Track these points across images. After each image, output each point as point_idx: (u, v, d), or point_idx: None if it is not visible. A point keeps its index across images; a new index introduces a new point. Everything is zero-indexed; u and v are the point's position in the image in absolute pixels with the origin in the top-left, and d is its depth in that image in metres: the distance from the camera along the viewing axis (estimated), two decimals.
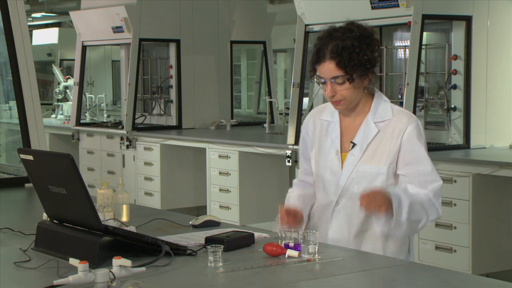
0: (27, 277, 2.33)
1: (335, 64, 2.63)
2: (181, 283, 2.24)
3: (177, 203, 7.71)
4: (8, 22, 4.49)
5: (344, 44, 2.63)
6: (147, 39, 7.90)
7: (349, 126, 2.77)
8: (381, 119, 2.72)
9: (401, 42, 6.34)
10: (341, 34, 2.66)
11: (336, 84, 2.66)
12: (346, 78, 2.64)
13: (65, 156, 2.40)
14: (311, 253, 2.46)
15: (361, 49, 2.64)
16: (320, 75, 2.69)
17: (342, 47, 2.62)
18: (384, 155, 2.69)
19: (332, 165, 2.76)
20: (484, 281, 2.32)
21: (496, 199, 5.28)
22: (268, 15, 8.88)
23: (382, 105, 2.75)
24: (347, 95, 2.68)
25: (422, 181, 2.67)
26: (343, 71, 2.63)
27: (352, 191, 2.72)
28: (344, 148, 2.76)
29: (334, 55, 2.63)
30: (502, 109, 5.82)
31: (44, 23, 13.58)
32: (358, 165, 2.71)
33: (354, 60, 2.62)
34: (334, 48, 2.63)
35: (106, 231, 2.41)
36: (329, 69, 2.65)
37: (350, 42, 2.63)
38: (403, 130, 2.68)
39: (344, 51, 2.62)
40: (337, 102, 2.71)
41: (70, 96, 9.94)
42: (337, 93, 2.68)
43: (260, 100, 9.80)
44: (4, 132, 5.53)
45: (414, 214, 2.61)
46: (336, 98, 2.69)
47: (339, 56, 2.62)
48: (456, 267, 5.09)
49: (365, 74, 2.68)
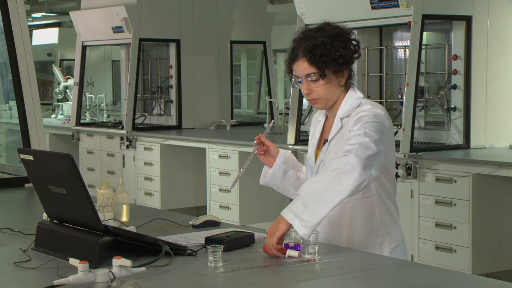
0: (27, 277, 2.33)
1: (307, 61, 2.67)
2: (181, 283, 2.24)
3: (177, 203, 7.71)
4: (8, 22, 4.49)
5: (316, 42, 2.67)
6: (147, 39, 7.90)
7: (330, 125, 2.81)
8: (346, 114, 2.72)
9: (401, 42, 6.34)
10: (314, 33, 2.70)
11: (311, 82, 2.69)
12: (319, 75, 2.67)
13: (65, 156, 2.40)
14: (311, 253, 2.46)
15: (332, 45, 2.66)
16: (295, 74, 2.73)
17: (313, 45, 2.66)
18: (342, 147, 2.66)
19: (310, 162, 2.83)
20: (484, 281, 2.32)
21: (496, 199, 5.28)
22: (268, 15, 8.89)
23: (353, 101, 2.73)
24: (322, 93, 2.70)
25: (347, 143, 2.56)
26: (315, 67, 2.66)
27: None
28: (320, 146, 2.82)
29: (305, 53, 2.67)
30: (502, 109, 5.82)
31: (44, 23, 13.58)
32: (324, 160, 2.74)
33: (326, 56, 2.65)
34: (307, 46, 2.67)
35: (106, 231, 2.41)
36: (303, 67, 2.69)
37: (322, 39, 2.67)
38: (356, 115, 2.66)
39: (315, 48, 2.66)
40: (314, 101, 2.74)
41: (70, 96, 9.94)
42: (312, 91, 2.71)
43: (260, 100, 9.81)
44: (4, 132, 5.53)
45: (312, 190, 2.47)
46: (312, 97, 2.72)
47: (310, 53, 2.66)
48: (456, 267, 5.09)
49: (339, 70, 2.69)
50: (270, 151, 2.86)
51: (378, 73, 6.42)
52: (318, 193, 2.47)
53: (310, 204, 2.46)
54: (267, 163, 2.88)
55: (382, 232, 2.75)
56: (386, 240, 2.75)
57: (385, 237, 2.75)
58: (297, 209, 2.46)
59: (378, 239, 2.74)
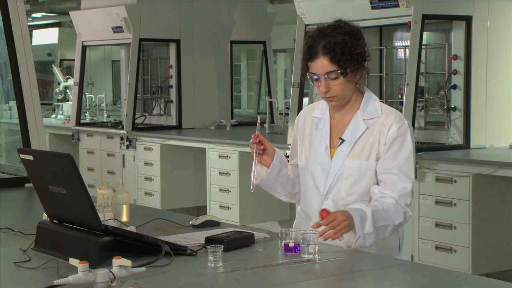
0: (27, 277, 2.33)
1: (329, 59, 2.68)
2: (181, 283, 2.24)
3: (177, 203, 7.71)
4: (8, 22, 4.49)
5: (335, 39, 2.68)
6: (147, 39, 7.90)
7: (339, 123, 2.81)
8: (370, 117, 2.76)
9: (401, 42, 6.34)
10: (331, 30, 2.71)
11: (330, 80, 2.70)
12: (340, 73, 2.69)
13: (65, 156, 2.40)
14: (311, 253, 2.46)
15: (352, 43, 2.69)
16: (313, 71, 2.73)
17: (334, 43, 2.67)
18: (371, 151, 2.73)
19: (321, 161, 2.80)
20: (484, 281, 2.32)
21: (496, 199, 5.28)
22: (268, 15, 8.88)
23: (372, 103, 2.79)
24: (340, 91, 2.72)
25: (393, 180, 2.70)
26: (337, 65, 2.68)
27: (340, 187, 2.75)
28: (333, 144, 2.81)
29: (327, 51, 2.68)
30: (502, 109, 5.82)
31: (44, 23, 13.58)
32: (346, 160, 2.75)
33: (347, 55, 2.67)
34: (327, 44, 2.68)
35: (106, 231, 2.41)
36: (323, 65, 2.69)
37: (341, 37, 2.69)
38: (388, 127, 2.72)
39: (336, 46, 2.67)
40: (331, 98, 2.75)
41: (70, 96, 9.94)
42: (330, 89, 2.72)
43: (260, 100, 9.81)
44: (4, 132, 5.53)
45: (379, 221, 2.63)
46: (329, 94, 2.73)
47: (332, 51, 2.67)
48: (456, 267, 5.09)
49: (357, 68, 2.72)
50: (267, 151, 2.87)
51: (378, 73, 6.42)
52: (380, 226, 2.63)
53: (375, 233, 2.63)
54: (264, 163, 2.87)
55: (396, 235, 2.80)
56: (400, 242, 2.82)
57: (400, 241, 2.83)
58: (367, 229, 2.60)
59: (395, 244, 2.80)
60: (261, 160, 2.87)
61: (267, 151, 2.86)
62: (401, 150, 2.70)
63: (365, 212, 2.60)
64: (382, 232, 2.64)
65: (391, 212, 2.66)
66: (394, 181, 2.69)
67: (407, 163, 2.70)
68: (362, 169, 2.73)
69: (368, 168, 2.72)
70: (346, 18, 2.81)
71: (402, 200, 2.68)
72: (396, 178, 2.69)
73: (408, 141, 2.72)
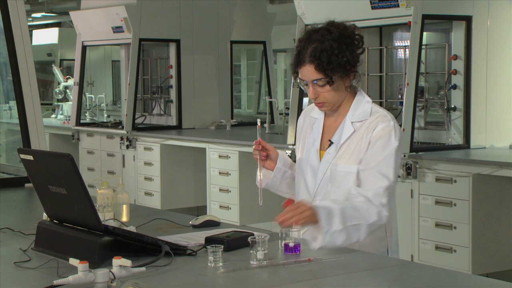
0: (27, 277, 2.33)
1: (314, 67, 2.64)
2: (181, 283, 2.24)
3: (177, 203, 7.71)
4: (8, 22, 4.49)
5: (322, 46, 2.62)
6: (147, 39, 7.90)
7: (331, 124, 2.80)
8: (358, 119, 2.73)
9: (401, 42, 6.34)
10: (320, 36, 2.65)
11: (318, 86, 2.68)
12: (326, 81, 2.65)
13: (65, 156, 2.40)
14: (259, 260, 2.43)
15: (340, 50, 2.63)
16: (301, 77, 2.71)
17: (320, 50, 2.62)
18: (356, 155, 2.69)
19: (312, 162, 2.80)
20: (484, 281, 2.32)
21: (496, 199, 5.28)
22: (268, 15, 8.88)
23: (362, 105, 2.74)
24: (329, 97, 2.70)
25: (369, 179, 2.65)
26: (323, 74, 2.64)
27: (327, 189, 2.74)
28: (323, 146, 2.79)
29: (312, 59, 2.63)
30: (502, 109, 5.82)
31: (44, 23, 13.58)
32: (332, 163, 2.73)
33: (333, 63, 2.62)
34: (313, 52, 2.63)
35: (106, 231, 2.41)
36: (309, 72, 2.66)
37: (329, 44, 2.62)
38: (373, 128, 2.69)
39: (322, 54, 2.61)
40: (321, 104, 2.73)
41: (70, 96, 9.94)
42: (319, 95, 2.70)
43: (260, 100, 9.81)
44: (4, 132, 5.54)
45: (349, 219, 2.56)
46: (319, 100, 2.72)
47: (318, 59, 2.62)
48: (456, 267, 5.09)
49: (346, 75, 2.68)
50: (270, 156, 2.86)
51: (378, 73, 6.42)
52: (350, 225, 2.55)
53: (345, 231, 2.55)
54: (268, 167, 2.87)
55: (385, 242, 2.76)
56: (389, 247, 2.77)
57: (388, 245, 2.77)
58: (336, 226, 2.53)
59: (381, 248, 2.76)
60: (265, 165, 2.88)
61: (270, 155, 2.85)
62: (382, 150, 2.65)
63: (332, 209, 2.55)
64: (355, 232, 2.57)
65: (363, 211, 2.59)
66: (370, 180, 2.64)
67: (386, 163, 2.64)
68: (346, 173, 2.69)
69: (350, 171, 2.68)
70: (346, 18, 2.78)
71: (376, 200, 2.60)
72: (373, 177, 2.64)
73: (392, 142, 2.67)
